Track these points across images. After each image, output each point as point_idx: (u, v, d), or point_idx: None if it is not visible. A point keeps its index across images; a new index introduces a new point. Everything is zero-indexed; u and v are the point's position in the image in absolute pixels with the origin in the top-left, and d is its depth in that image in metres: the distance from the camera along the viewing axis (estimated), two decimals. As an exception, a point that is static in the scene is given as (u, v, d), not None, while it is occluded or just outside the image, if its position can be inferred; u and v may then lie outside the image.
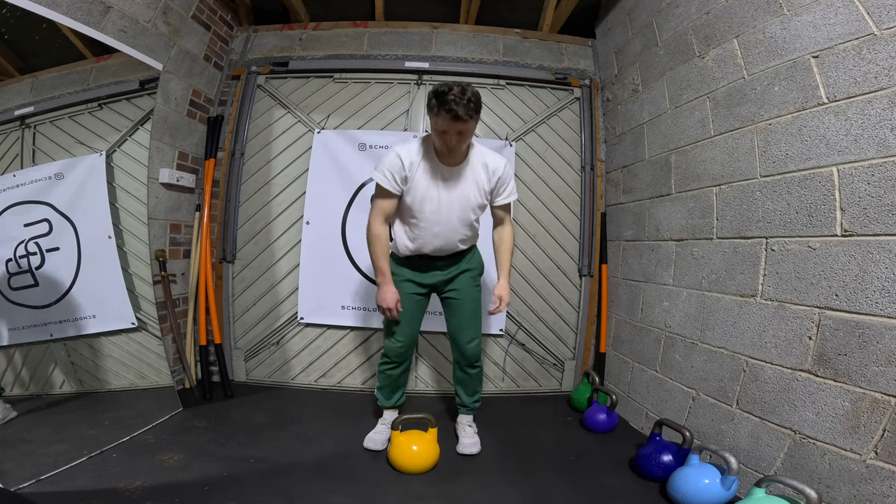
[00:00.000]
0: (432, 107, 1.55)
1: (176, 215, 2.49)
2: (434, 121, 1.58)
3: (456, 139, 1.57)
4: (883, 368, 1.18)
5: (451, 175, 1.70)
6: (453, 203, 1.71)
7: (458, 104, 1.49)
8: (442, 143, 1.60)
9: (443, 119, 1.53)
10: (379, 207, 1.72)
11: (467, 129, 1.57)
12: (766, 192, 1.56)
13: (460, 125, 1.53)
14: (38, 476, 1.49)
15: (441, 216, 1.71)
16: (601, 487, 1.65)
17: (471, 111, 1.52)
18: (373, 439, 1.90)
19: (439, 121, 1.54)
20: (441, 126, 1.55)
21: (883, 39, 1.22)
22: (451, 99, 1.49)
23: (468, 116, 1.52)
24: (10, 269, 1.84)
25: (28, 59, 1.75)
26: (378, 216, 1.72)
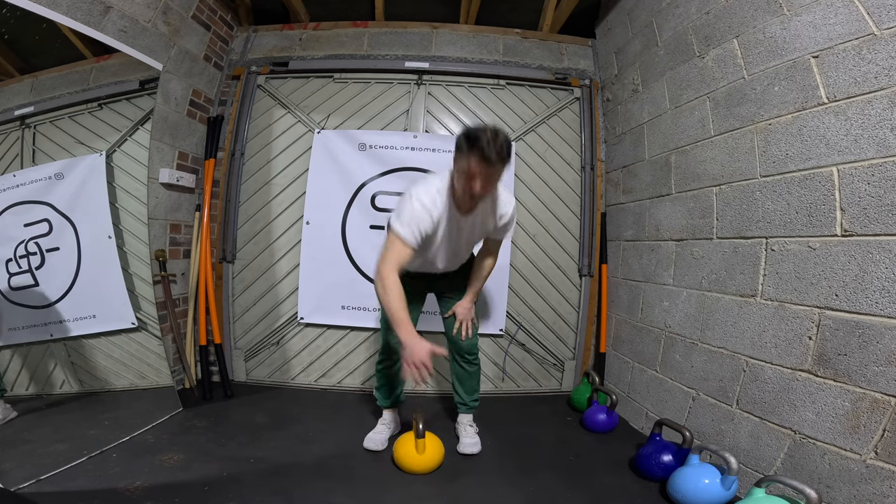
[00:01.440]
0: (461, 147, 1.46)
1: (176, 215, 2.49)
2: (461, 163, 1.47)
3: (481, 186, 1.46)
4: (883, 368, 1.18)
5: (463, 221, 1.65)
6: (460, 243, 1.71)
7: (491, 147, 1.39)
8: (466, 187, 1.48)
9: (473, 162, 1.42)
10: (395, 257, 1.53)
11: (495, 175, 1.47)
12: (766, 192, 1.56)
13: (490, 170, 1.43)
14: (38, 476, 1.49)
15: (446, 254, 1.71)
16: (601, 487, 1.65)
17: (503, 155, 1.42)
18: (372, 439, 1.89)
19: (469, 163, 1.43)
20: (469, 169, 1.44)
21: (883, 39, 1.22)
22: (484, 144, 1.39)
23: (500, 162, 1.43)
24: (10, 269, 1.83)
25: (28, 59, 1.75)
26: (393, 266, 1.52)
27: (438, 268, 1.77)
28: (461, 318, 1.83)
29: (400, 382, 1.96)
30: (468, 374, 1.92)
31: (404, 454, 1.69)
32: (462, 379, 1.93)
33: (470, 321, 1.85)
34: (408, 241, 1.52)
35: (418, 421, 1.69)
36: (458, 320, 1.83)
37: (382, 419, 1.99)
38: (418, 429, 1.67)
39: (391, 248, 1.54)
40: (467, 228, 1.67)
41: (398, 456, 1.71)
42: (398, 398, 1.98)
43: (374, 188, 2.59)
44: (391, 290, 1.50)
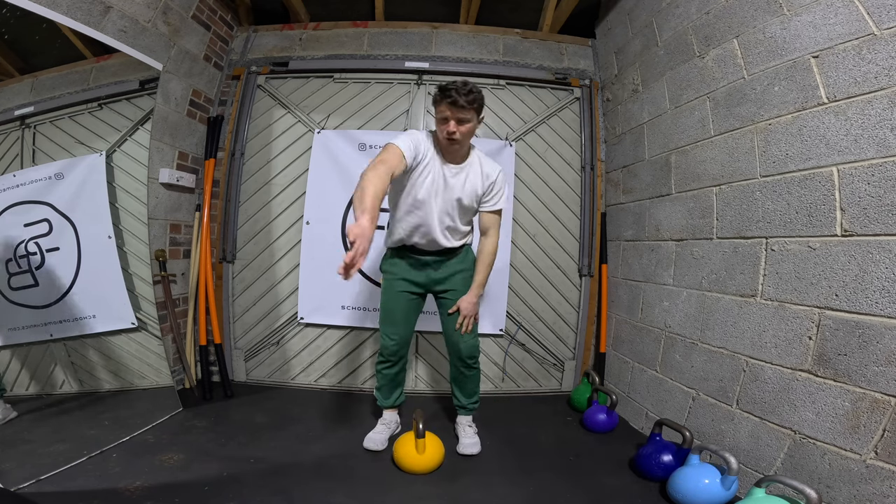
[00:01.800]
0: (436, 98, 1.64)
1: (176, 215, 2.49)
2: (437, 111, 1.65)
3: (455, 126, 1.61)
4: (883, 368, 1.18)
5: (450, 173, 1.73)
6: (451, 200, 1.73)
7: (460, 94, 1.58)
8: (443, 130, 1.64)
9: (444, 106, 1.61)
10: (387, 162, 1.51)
11: (467, 119, 1.63)
12: (766, 192, 1.56)
13: (460, 112, 1.60)
14: (38, 476, 1.49)
15: (438, 213, 1.72)
16: (601, 487, 1.65)
17: (471, 101, 1.60)
18: (373, 439, 1.89)
19: (441, 108, 1.62)
20: (442, 113, 1.62)
21: (883, 39, 1.22)
22: (452, 88, 1.59)
23: (467, 104, 1.59)
24: (10, 269, 1.83)
25: (28, 59, 1.75)
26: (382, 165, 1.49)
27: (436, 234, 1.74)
28: (465, 312, 1.82)
29: (400, 383, 1.97)
30: (466, 378, 1.91)
31: (404, 454, 1.69)
32: (461, 382, 1.93)
33: (472, 318, 1.83)
34: (401, 147, 1.59)
35: (418, 421, 1.69)
36: (462, 315, 1.82)
37: (382, 419, 1.99)
38: (418, 429, 1.67)
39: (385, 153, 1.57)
40: (457, 186, 1.73)
41: (398, 456, 1.71)
42: (398, 399, 1.99)
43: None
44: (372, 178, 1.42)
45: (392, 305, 1.84)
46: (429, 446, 1.69)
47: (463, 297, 1.83)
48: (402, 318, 1.84)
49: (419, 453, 1.67)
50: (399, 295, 1.82)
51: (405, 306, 1.84)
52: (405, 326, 1.86)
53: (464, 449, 1.86)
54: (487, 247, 1.83)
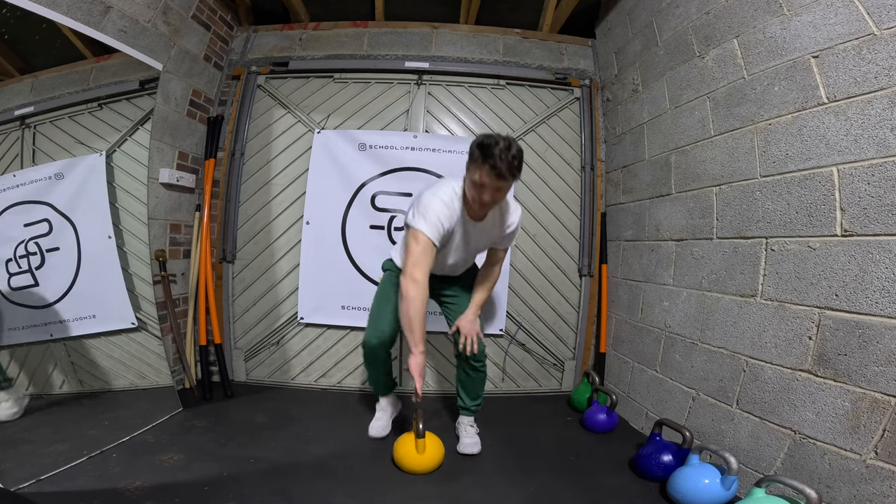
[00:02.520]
0: (475, 158, 1.47)
1: (176, 215, 2.49)
2: (473, 173, 1.49)
3: (491, 196, 1.50)
4: (883, 368, 1.18)
5: (473, 228, 1.69)
6: (469, 248, 1.75)
7: (503, 160, 1.42)
8: (476, 196, 1.52)
9: (484, 173, 1.45)
10: (425, 259, 1.53)
11: (506, 188, 1.51)
12: (766, 192, 1.56)
13: (500, 183, 1.47)
14: (38, 476, 1.49)
15: (455, 258, 1.75)
16: (601, 487, 1.65)
17: (514, 170, 1.46)
18: (375, 427, 1.98)
19: (481, 174, 1.46)
20: (480, 179, 1.47)
21: (883, 39, 1.22)
22: (497, 154, 1.41)
23: (511, 175, 1.46)
24: (10, 269, 1.83)
25: (28, 59, 1.75)
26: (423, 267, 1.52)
27: (445, 271, 1.80)
28: (466, 332, 1.76)
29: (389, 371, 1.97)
30: (472, 380, 1.91)
31: (404, 454, 1.69)
32: (466, 384, 1.92)
33: (475, 335, 1.76)
34: (431, 237, 1.53)
35: (418, 421, 1.69)
36: (463, 335, 1.77)
37: (379, 405, 2.03)
38: (418, 429, 1.67)
39: (416, 247, 1.54)
40: (476, 235, 1.70)
41: (398, 456, 1.71)
42: (392, 384, 2.02)
43: (374, 188, 2.59)
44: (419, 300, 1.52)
45: (386, 305, 1.80)
46: (429, 446, 1.69)
47: (462, 318, 1.79)
48: (393, 318, 1.78)
49: (419, 453, 1.67)
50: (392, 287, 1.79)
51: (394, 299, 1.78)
52: (392, 327, 1.80)
53: (464, 448, 1.86)
54: (492, 273, 1.84)
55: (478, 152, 1.46)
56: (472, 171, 1.50)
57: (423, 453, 1.67)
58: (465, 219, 1.64)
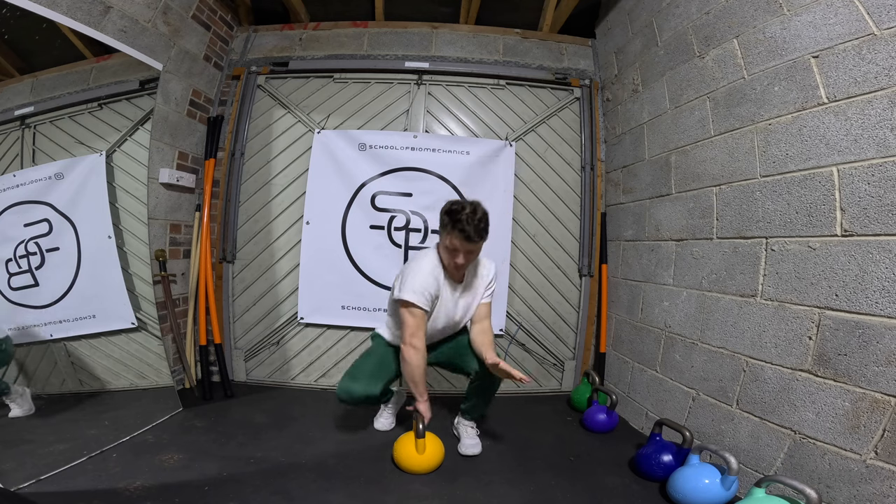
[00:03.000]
0: (445, 225, 1.65)
1: (176, 215, 2.49)
2: (445, 237, 1.67)
3: (464, 258, 1.66)
4: (883, 368, 1.18)
5: (457, 292, 1.83)
6: (457, 309, 1.84)
7: (470, 224, 1.59)
8: (450, 260, 1.69)
9: (455, 238, 1.62)
10: (420, 328, 1.71)
11: (476, 250, 1.68)
12: (766, 192, 1.56)
13: (470, 245, 1.63)
14: (38, 476, 1.49)
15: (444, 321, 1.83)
16: (601, 487, 1.65)
17: (481, 232, 1.63)
18: (381, 421, 2.07)
19: (451, 239, 1.64)
20: (452, 244, 1.65)
21: (883, 39, 1.22)
22: (463, 219, 1.59)
23: (479, 238, 1.63)
24: (10, 269, 1.83)
25: (28, 59, 1.75)
26: (420, 336, 1.71)
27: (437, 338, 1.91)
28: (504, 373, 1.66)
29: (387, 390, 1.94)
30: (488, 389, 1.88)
31: (404, 454, 1.69)
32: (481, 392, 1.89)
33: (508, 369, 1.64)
34: (421, 305, 1.68)
35: (418, 421, 1.69)
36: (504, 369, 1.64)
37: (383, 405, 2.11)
38: (418, 429, 1.67)
39: (411, 319, 1.70)
40: (459, 295, 1.83)
41: (398, 456, 1.71)
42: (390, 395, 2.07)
43: (374, 188, 2.59)
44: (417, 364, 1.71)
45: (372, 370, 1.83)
46: (429, 446, 1.69)
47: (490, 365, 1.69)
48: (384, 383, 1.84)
49: (419, 453, 1.67)
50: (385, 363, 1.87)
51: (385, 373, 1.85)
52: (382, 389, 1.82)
53: (465, 449, 1.86)
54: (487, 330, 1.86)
55: (447, 219, 1.64)
56: (443, 238, 1.69)
57: (423, 453, 1.67)
58: (448, 282, 1.79)
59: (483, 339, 1.83)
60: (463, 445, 1.88)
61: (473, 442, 1.89)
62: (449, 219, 1.63)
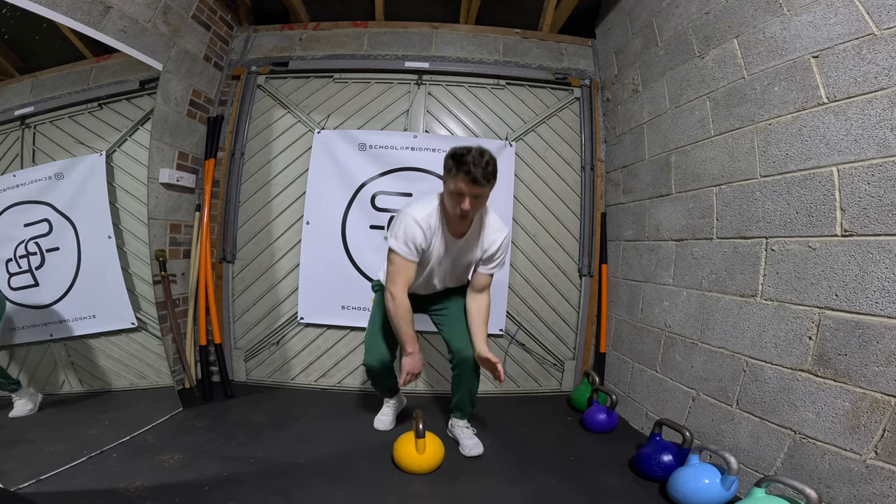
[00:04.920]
0: (449, 168, 1.54)
1: (176, 215, 2.49)
2: (449, 183, 1.55)
3: (470, 204, 1.53)
4: (883, 368, 1.18)
5: (454, 245, 1.71)
6: (453, 266, 1.76)
7: (477, 167, 1.47)
8: (455, 206, 1.55)
9: (460, 181, 1.50)
10: (401, 276, 1.63)
11: (483, 195, 1.55)
12: (766, 192, 1.56)
13: (477, 189, 1.51)
14: (38, 476, 1.49)
15: (439, 275, 1.77)
16: (601, 487, 1.65)
17: (489, 175, 1.51)
18: (381, 420, 2.05)
19: (457, 182, 1.51)
20: (457, 188, 1.52)
21: (883, 39, 1.22)
22: (469, 161, 1.47)
23: (486, 180, 1.50)
24: (11, 269, 1.83)
25: (28, 59, 1.75)
26: (402, 285, 1.63)
27: (437, 287, 1.84)
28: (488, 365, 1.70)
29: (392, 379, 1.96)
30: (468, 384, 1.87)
31: (404, 454, 1.69)
32: (463, 387, 1.89)
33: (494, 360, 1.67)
34: (406, 256, 1.61)
35: (418, 421, 1.69)
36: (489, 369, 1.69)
37: (386, 402, 2.09)
38: (418, 429, 1.67)
39: (393, 266, 1.64)
40: (458, 252, 1.73)
41: (398, 456, 1.71)
42: (396, 387, 2.04)
43: (374, 188, 2.59)
44: (400, 312, 1.64)
45: (382, 327, 1.85)
46: (429, 446, 1.69)
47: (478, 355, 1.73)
48: (389, 340, 1.85)
49: (419, 453, 1.67)
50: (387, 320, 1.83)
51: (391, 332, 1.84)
52: (390, 348, 1.86)
53: (468, 451, 1.85)
54: (483, 304, 1.81)
55: (451, 162, 1.53)
56: (448, 183, 1.56)
57: (423, 453, 1.67)
58: (446, 235, 1.68)
59: (477, 320, 1.78)
60: (464, 447, 1.87)
61: (473, 442, 1.89)
62: (454, 162, 1.51)
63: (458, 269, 1.79)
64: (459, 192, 1.51)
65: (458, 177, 1.50)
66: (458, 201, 1.53)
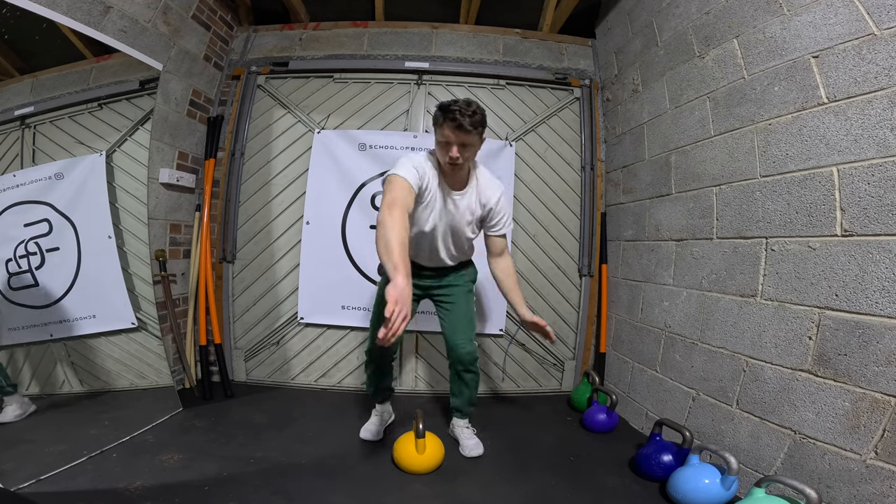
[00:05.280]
0: (437, 118, 1.55)
1: (176, 215, 2.49)
2: (438, 133, 1.56)
3: (458, 152, 1.53)
4: (883, 368, 1.18)
5: (453, 199, 1.68)
6: (451, 222, 1.71)
7: (464, 115, 1.49)
8: (445, 154, 1.56)
9: (447, 129, 1.51)
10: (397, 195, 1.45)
11: (471, 142, 1.55)
12: (766, 192, 1.56)
13: (464, 136, 1.52)
14: (38, 476, 1.49)
15: (433, 235, 1.71)
16: (601, 487, 1.65)
17: (476, 122, 1.52)
18: (368, 430, 1.97)
19: (444, 131, 1.53)
20: (445, 137, 1.53)
21: (883, 39, 1.22)
22: (455, 109, 1.49)
23: (472, 127, 1.51)
24: (10, 269, 1.83)
25: (28, 59, 1.75)
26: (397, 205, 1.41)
27: (442, 255, 1.76)
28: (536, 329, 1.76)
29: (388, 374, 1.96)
30: (466, 382, 1.88)
31: (404, 454, 1.69)
32: (460, 385, 1.90)
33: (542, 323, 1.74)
34: (407, 178, 1.49)
35: (418, 421, 1.69)
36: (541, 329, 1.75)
37: (375, 410, 2.04)
38: (418, 429, 1.67)
39: (390, 189, 1.47)
40: (459, 207, 1.68)
41: (398, 456, 1.71)
42: (387, 391, 2.02)
43: (374, 188, 2.59)
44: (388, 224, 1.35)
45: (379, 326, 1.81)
46: (429, 446, 1.69)
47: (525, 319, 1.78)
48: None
49: (419, 453, 1.67)
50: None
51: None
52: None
53: (469, 451, 1.85)
54: (508, 267, 1.82)
55: (439, 113, 1.54)
56: (437, 134, 1.57)
57: (423, 453, 1.67)
58: (443, 187, 1.66)
59: (508, 284, 1.80)
60: (465, 448, 1.87)
61: (474, 443, 1.89)
62: (441, 112, 1.53)
63: (461, 230, 1.73)
64: (447, 140, 1.53)
65: (444, 125, 1.52)
66: (447, 150, 1.54)
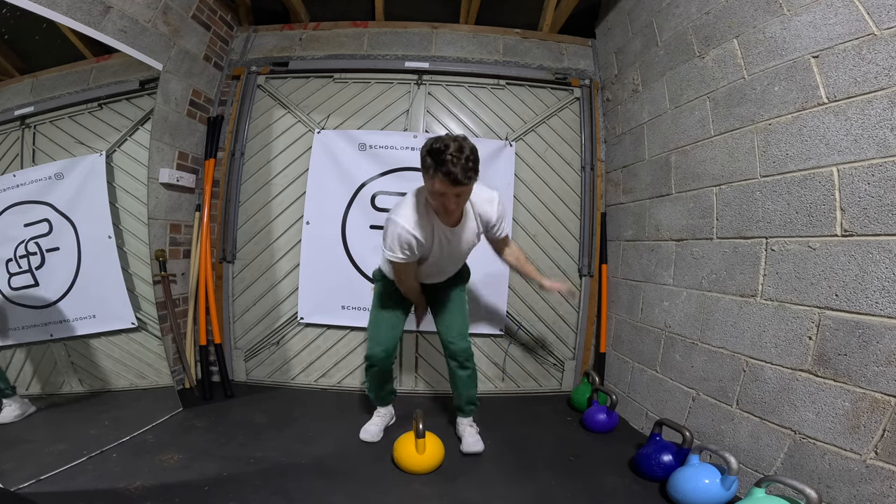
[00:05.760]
0: (428, 167, 1.40)
1: (176, 215, 2.49)
2: (429, 182, 1.44)
3: (455, 202, 1.46)
4: (883, 368, 1.18)
5: (451, 233, 1.66)
6: (452, 251, 1.72)
7: (456, 164, 1.34)
8: (439, 205, 1.49)
9: (440, 183, 1.39)
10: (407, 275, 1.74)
11: (466, 192, 1.47)
12: (766, 192, 1.56)
13: (459, 189, 1.41)
14: (38, 476, 1.49)
15: (438, 263, 1.76)
16: (601, 487, 1.65)
17: (469, 171, 1.38)
18: (368, 431, 1.97)
19: (436, 183, 1.40)
20: (438, 189, 1.41)
21: (883, 39, 1.22)
22: (448, 159, 1.34)
23: (467, 179, 1.38)
24: (11, 269, 1.83)
25: (28, 59, 1.75)
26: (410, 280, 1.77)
27: (435, 279, 1.86)
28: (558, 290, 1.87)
29: (389, 380, 1.99)
30: (462, 380, 1.89)
31: (404, 454, 1.69)
32: (458, 383, 1.91)
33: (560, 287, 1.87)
34: (406, 261, 1.62)
35: (418, 421, 1.69)
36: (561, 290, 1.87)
37: (377, 412, 2.05)
38: (418, 429, 1.67)
39: (398, 270, 1.71)
40: (456, 238, 1.69)
41: (398, 456, 1.71)
42: (390, 395, 2.04)
43: (374, 188, 2.59)
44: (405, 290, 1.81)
45: (384, 314, 1.88)
46: (429, 446, 1.69)
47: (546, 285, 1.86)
48: (392, 326, 1.88)
49: (419, 453, 1.67)
50: (392, 303, 1.87)
51: (395, 317, 1.88)
52: (393, 336, 1.88)
53: (468, 447, 1.86)
54: (515, 253, 1.89)
55: (430, 161, 1.39)
56: (427, 182, 1.45)
57: (423, 453, 1.67)
58: (441, 226, 1.62)
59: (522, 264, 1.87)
60: (466, 444, 1.88)
61: (474, 440, 1.89)
62: (432, 160, 1.37)
63: (462, 251, 1.76)
64: (441, 192, 1.42)
65: (436, 178, 1.39)
66: (442, 201, 1.46)
